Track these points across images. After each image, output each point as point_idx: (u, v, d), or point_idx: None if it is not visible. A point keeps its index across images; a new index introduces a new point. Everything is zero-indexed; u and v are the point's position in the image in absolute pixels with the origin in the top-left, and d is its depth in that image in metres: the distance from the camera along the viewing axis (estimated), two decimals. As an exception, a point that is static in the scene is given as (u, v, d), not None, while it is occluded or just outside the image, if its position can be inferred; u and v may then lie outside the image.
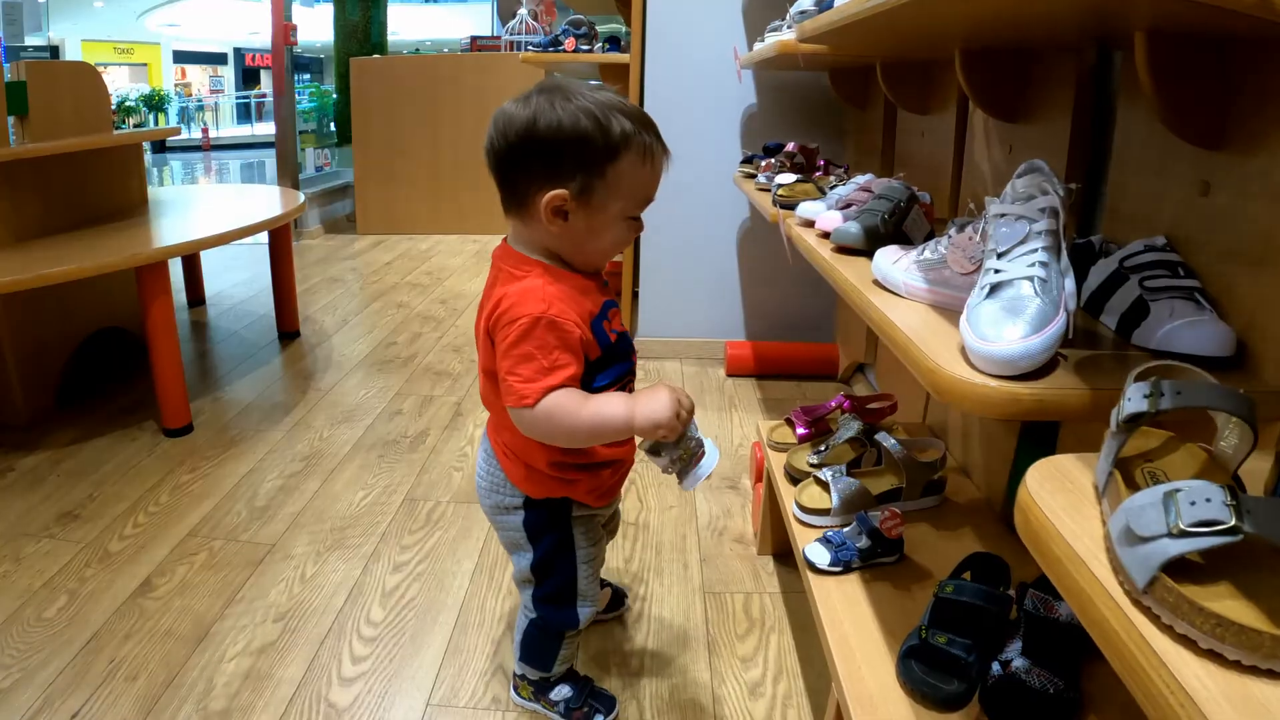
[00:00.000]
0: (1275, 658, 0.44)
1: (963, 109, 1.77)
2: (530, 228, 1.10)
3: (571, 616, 1.28)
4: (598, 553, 1.30)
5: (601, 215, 1.08)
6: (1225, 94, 0.96)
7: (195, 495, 2.12)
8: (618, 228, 1.11)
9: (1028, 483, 0.62)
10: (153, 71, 21.91)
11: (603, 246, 1.12)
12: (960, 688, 1.05)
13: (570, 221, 1.07)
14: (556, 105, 1.03)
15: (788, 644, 1.58)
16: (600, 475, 1.22)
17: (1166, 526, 0.47)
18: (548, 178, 1.04)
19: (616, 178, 1.05)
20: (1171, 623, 0.47)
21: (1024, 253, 0.87)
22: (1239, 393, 0.55)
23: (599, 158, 1.03)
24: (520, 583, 1.31)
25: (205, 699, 1.43)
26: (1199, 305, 0.93)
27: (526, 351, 1.04)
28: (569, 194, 1.04)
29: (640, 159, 1.06)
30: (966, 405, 0.80)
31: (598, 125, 1.02)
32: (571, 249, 1.11)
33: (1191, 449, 0.62)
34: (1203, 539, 0.46)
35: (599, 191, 1.05)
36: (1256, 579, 0.48)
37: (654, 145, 1.08)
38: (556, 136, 1.02)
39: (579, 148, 1.02)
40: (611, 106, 1.04)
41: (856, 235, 1.37)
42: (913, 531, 1.43)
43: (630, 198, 1.09)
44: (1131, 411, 0.56)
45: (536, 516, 1.23)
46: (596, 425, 1.06)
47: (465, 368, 3.11)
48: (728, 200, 3.03)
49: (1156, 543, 0.47)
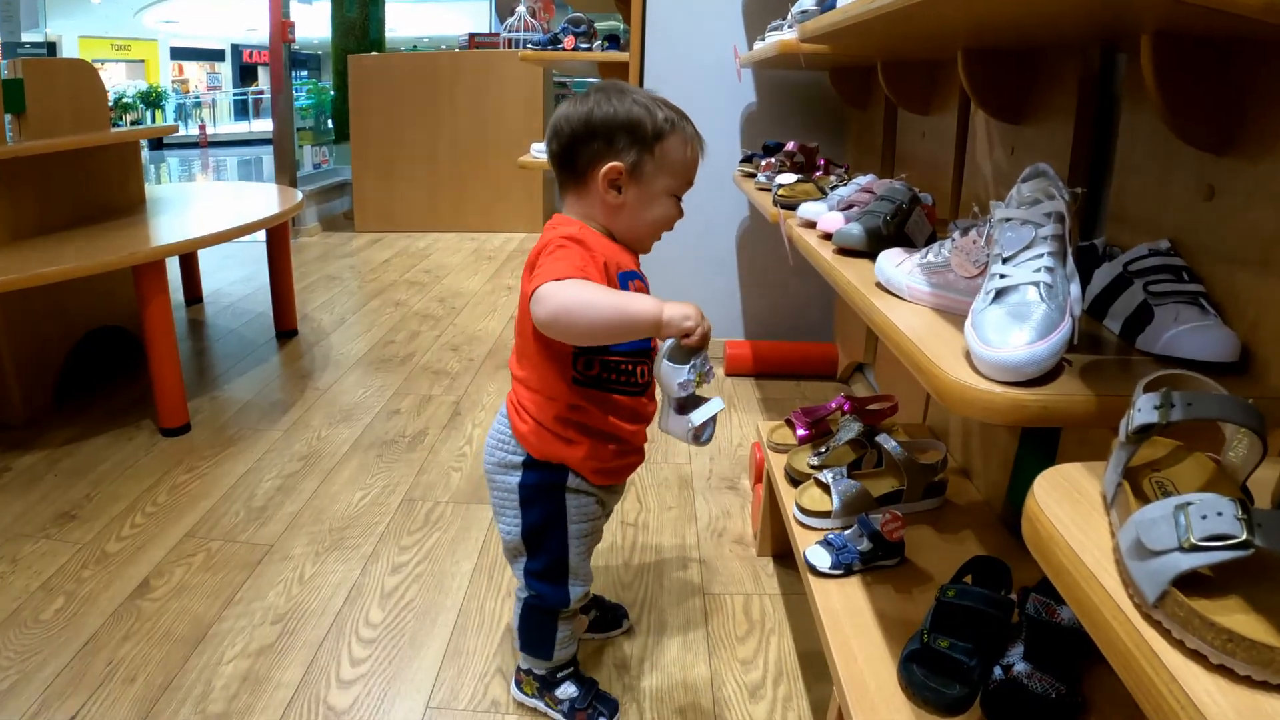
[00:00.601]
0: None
1: (964, 110, 1.77)
2: (585, 201, 1.24)
3: (563, 594, 1.31)
4: (590, 531, 1.32)
5: (650, 188, 1.22)
6: (1231, 98, 0.95)
7: (193, 495, 2.12)
8: (664, 203, 1.25)
9: (1035, 493, 0.62)
10: (150, 68, 21.83)
11: (650, 219, 1.25)
12: (962, 692, 1.05)
13: (624, 194, 1.21)
14: (612, 99, 1.20)
15: (788, 646, 1.58)
16: (603, 447, 1.25)
17: (1178, 540, 0.47)
18: (605, 154, 1.20)
19: (663, 155, 1.21)
20: (1182, 637, 0.46)
21: (1030, 258, 0.87)
22: (1249, 404, 0.54)
23: (649, 137, 1.20)
24: (511, 556, 1.34)
25: (203, 701, 1.43)
26: (1203, 310, 0.93)
27: (559, 255, 1.14)
28: (624, 167, 1.19)
29: (683, 142, 1.23)
30: (971, 411, 0.80)
31: (647, 112, 1.20)
32: (622, 221, 1.25)
33: (1200, 459, 0.62)
34: (1214, 553, 0.46)
35: (649, 165, 1.21)
36: (1267, 593, 0.48)
37: (694, 133, 1.26)
38: (612, 120, 1.19)
39: (632, 129, 1.19)
40: (657, 101, 1.23)
41: (859, 237, 1.36)
42: (914, 534, 1.43)
43: (675, 176, 1.24)
44: (1142, 423, 0.55)
45: (533, 480, 1.27)
46: (621, 307, 1.10)
47: (463, 366, 3.10)
48: (727, 199, 3.02)
49: (1168, 557, 0.47)
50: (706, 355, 1.14)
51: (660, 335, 1.12)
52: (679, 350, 1.11)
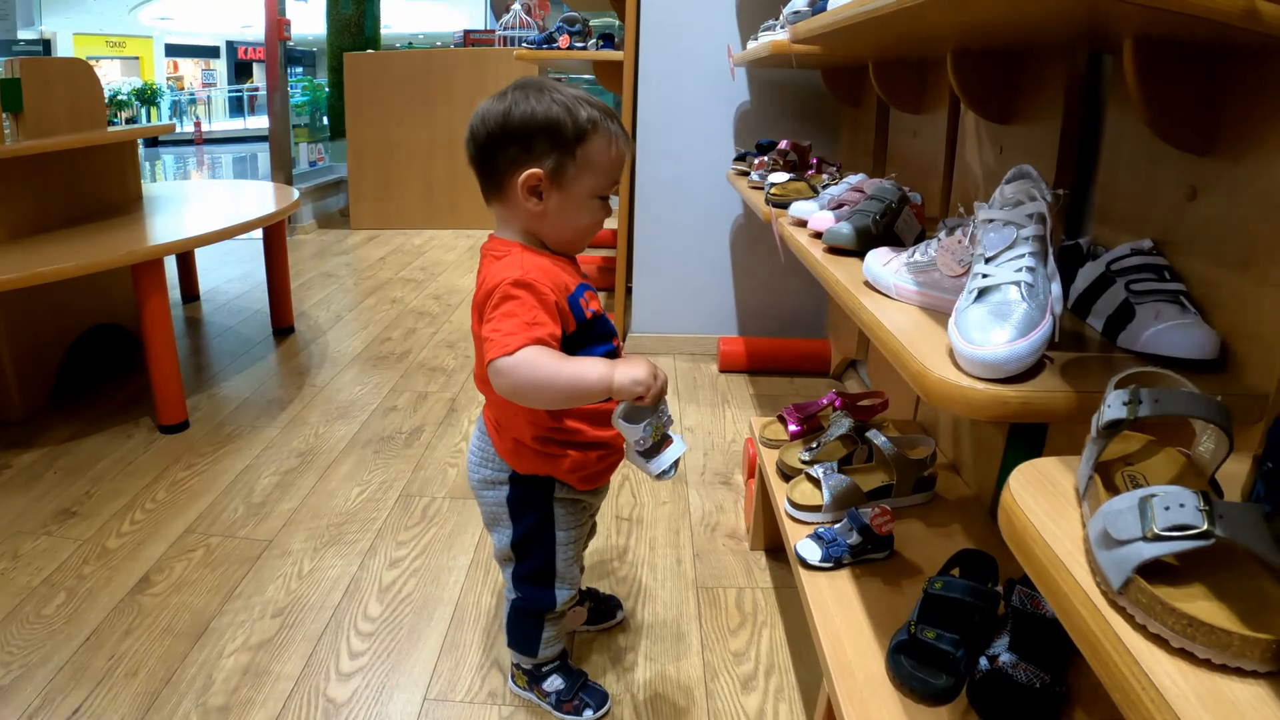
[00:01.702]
0: (1243, 657, 0.46)
1: (954, 109, 1.79)
2: (510, 210, 1.18)
3: (549, 597, 1.33)
4: (578, 536, 1.34)
5: (573, 193, 1.16)
6: (1213, 101, 0.98)
7: (192, 492, 2.13)
8: (590, 206, 1.19)
9: (1011, 486, 0.64)
10: (145, 65, 21.80)
11: (577, 225, 1.20)
12: (948, 682, 1.07)
13: (545, 200, 1.15)
14: (530, 98, 1.14)
15: (779, 638, 1.60)
16: (586, 456, 1.25)
17: (1141, 531, 0.49)
18: (523, 159, 1.14)
19: (585, 157, 1.15)
20: (1145, 622, 0.49)
21: (1011, 258, 0.89)
22: (1216, 400, 0.57)
23: (569, 140, 1.13)
24: (501, 561, 1.36)
25: (204, 695, 1.45)
26: (1184, 309, 0.95)
27: (508, 310, 1.10)
28: (544, 173, 1.13)
29: (606, 142, 1.16)
30: (954, 407, 0.82)
31: (567, 112, 1.13)
32: (548, 229, 1.19)
33: (1171, 453, 0.64)
34: (1175, 543, 0.48)
35: (570, 170, 1.14)
36: (1227, 581, 0.50)
37: (618, 131, 1.18)
38: (530, 122, 1.12)
39: (551, 131, 1.12)
40: (579, 99, 1.15)
41: (848, 236, 1.39)
42: (903, 528, 1.45)
43: (599, 177, 1.17)
44: (1111, 418, 0.58)
45: (520, 493, 1.28)
46: (575, 380, 1.09)
47: (459, 363, 3.12)
48: (721, 197, 3.04)
49: (1131, 546, 0.49)
50: (663, 408, 1.12)
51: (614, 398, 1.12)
52: (633, 409, 1.10)
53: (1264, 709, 0.45)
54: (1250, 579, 0.50)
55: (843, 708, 1.06)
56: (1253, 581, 0.50)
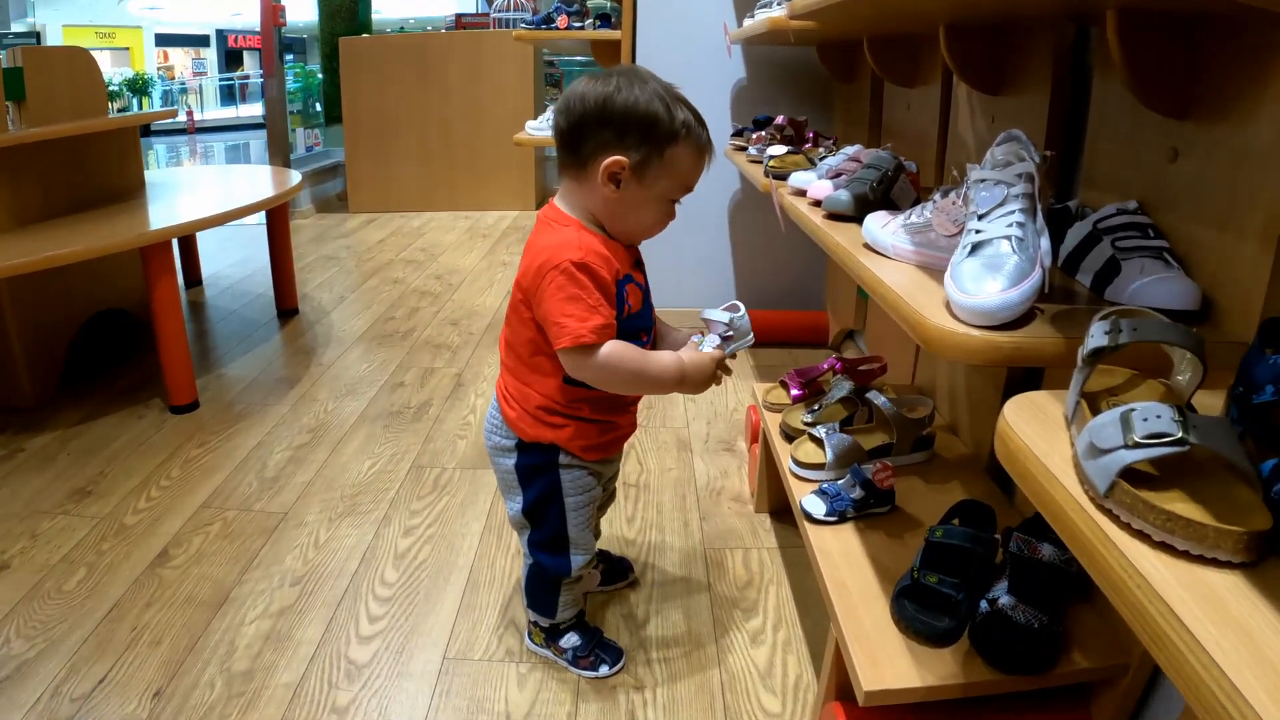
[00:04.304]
0: (1218, 548, 0.52)
1: (947, 82, 1.83)
2: (582, 188, 1.20)
3: (564, 564, 1.37)
4: (588, 503, 1.36)
5: (650, 190, 1.19)
6: (1191, 67, 1.02)
7: (206, 468, 2.18)
8: (660, 206, 1.22)
9: (1006, 414, 0.70)
10: (135, 55, 21.68)
11: (643, 221, 1.23)
12: (951, 624, 1.12)
13: (621, 190, 1.17)
14: (635, 86, 1.14)
15: (786, 595, 1.66)
16: (586, 428, 1.30)
17: (1123, 439, 0.54)
18: (613, 146, 1.15)
19: (672, 159, 1.17)
20: (1129, 521, 0.54)
21: (1002, 214, 0.94)
22: (1189, 329, 0.62)
23: (662, 138, 1.15)
24: (517, 528, 1.40)
25: (228, 660, 1.49)
26: (1167, 264, 1.00)
27: (572, 293, 1.14)
28: (628, 163, 1.15)
29: (695, 149, 1.19)
30: (951, 354, 0.87)
31: (667, 110, 1.14)
32: (615, 218, 1.22)
33: (1151, 384, 0.69)
34: (1154, 449, 0.53)
35: (654, 167, 1.16)
36: (1202, 486, 0.55)
37: (707, 141, 1.21)
38: (631, 112, 1.14)
39: (647, 126, 1.14)
40: (678, 98, 1.17)
41: (847, 202, 1.43)
42: (903, 485, 1.50)
43: (677, 181, 1.20)
44: (1094, 346, 0.63)
45: (527, 461, 1.32)
46: (654, 374, 1.21)
47: (464, 340, 3.16)
48: (719, 173, 3.07)
49: (1115, 454, 0.55)
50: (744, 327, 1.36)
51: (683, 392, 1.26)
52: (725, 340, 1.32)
53: (1238, 594, 0.50)
54: (1222, 485, 0.55)
55: (851, 651, 1.11)
56: (1224, 487, 0.55)
